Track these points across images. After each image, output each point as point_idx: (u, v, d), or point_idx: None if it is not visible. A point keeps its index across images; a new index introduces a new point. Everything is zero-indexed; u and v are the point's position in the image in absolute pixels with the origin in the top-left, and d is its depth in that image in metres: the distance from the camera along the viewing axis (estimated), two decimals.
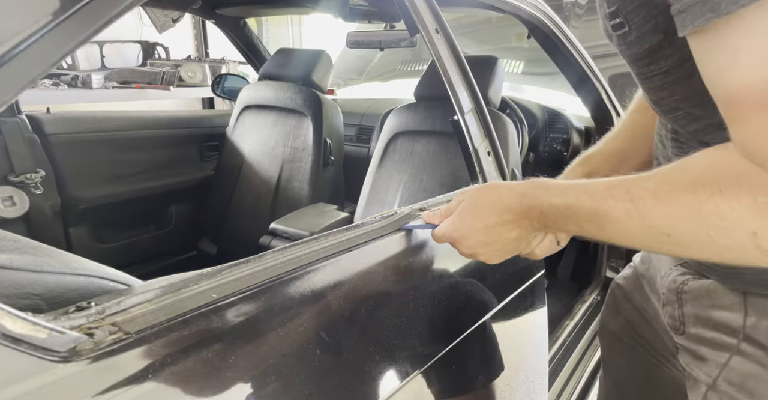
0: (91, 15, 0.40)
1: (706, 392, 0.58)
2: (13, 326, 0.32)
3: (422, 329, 0.63)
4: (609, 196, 0.44)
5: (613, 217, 0.44)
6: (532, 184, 0.53)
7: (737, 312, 0.56)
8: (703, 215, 0.38)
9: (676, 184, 0.41)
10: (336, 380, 0.51)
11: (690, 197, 0.39)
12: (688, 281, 0.62)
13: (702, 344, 0.60)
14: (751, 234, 0.37)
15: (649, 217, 0.42)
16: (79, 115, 1.56)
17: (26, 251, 0.46)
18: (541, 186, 0.52)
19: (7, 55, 0.36)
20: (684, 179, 0.40)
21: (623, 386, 0.86)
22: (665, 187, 0.41)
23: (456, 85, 0.87)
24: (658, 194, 0.41)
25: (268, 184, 1.71)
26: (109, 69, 2.68)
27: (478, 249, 0.55)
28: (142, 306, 0.40)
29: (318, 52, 1.75)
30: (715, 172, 0.39)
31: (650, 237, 0.43)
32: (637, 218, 0.42)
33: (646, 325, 0.75)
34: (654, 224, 0.42)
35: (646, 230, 0.42)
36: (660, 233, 0.42)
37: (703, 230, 0.39)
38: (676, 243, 0.42)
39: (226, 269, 0.48)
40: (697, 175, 0.40)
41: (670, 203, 0.40)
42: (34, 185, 1.37)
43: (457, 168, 1.33)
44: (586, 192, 0.46)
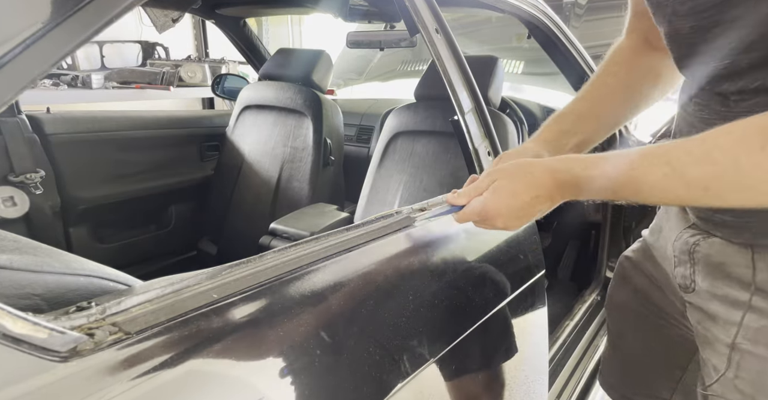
0: (91, 15, 0.40)
1: (730, 354, 0.60)
2: (13, 326, 0.32)
3: (422, 329, 0.63)
4: (646, 162, 0.48)
5: (652, 180, 0.47)
6: (562, 159, 0.56)
7: (746, 267, 0.57)
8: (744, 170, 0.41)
9: (717, 144, 0.43)
10: (336, 379, 0.51)
11: (730, 155, 0.42)
12: (699, 241, 0.64)
13: (712, 300, 0.62)
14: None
15: (687, 176, 0.45)
16: (79, 115, 1.56)
17: (26, 251, 0.46)
18: (573, 161, 0.55)
19: (7, 56, 0.36)
20: (725, 140, 0.43)
21: (630, 353, 0.87)
22: (706, 147, 0.44)
23: (456, 85, 0.87)
24: (696, 154, 0.44)
25: (268, 184, 1.71)
26: (109, 69, 2.68)
27: (510, 222, 0.59)
28: (143, 306, 0.40)
29: (318, 52, 1.75)
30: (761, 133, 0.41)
31: (687, 191, 0.46)
32: (675, 178, 0.45)
33: (655, 291, 0.77)
34: (692, 180, 0.45)
35: (685, 186, 0.45)
36: (698, 187, 0.45)
37: (743, 178, 0.42)
38: (713, 196, 0.45)
39: (227, 269, 0.48)
40: (740, 135, 0.42)
41: (708, 161, 0.43)
42: (34, 185, 1.37)
43: (457, 168, 1.33)
44: (622, 160, 0.49)
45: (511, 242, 0.85)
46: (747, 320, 0.58)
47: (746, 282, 0.57)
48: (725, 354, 0.60)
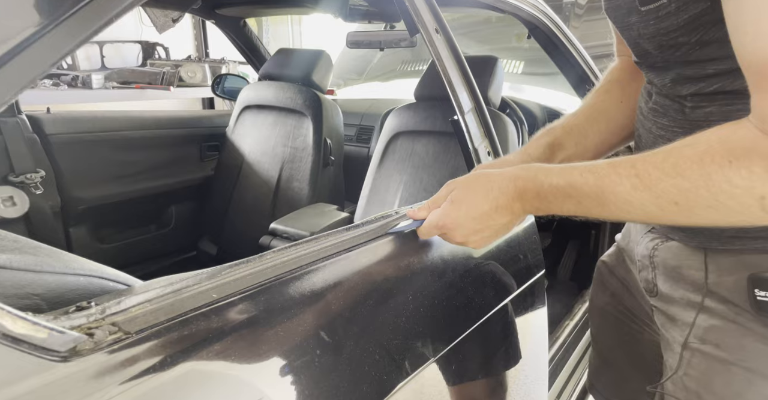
0: (91, 15, 0.40)
1: (681, 352, 0.61)
2: (13, 326, 0.32)
3: (422, 330, 0.63)
4: (613, 172, 0.46)
5: (618, 191, 0.46)
6: (525, 167, 0.54)
7: (699, 270, 0.58)
8: (713, 185, 0.41)
9: (683, 157, 0.42)
10: (336, 379, 0.51)
11: (698, 169, 0.41)
12: (657, 244, 0.64)
13: (672, 303, 0.63)
14: (760, 198, 0.40)
15: (656, 188, 0.43)
16: (79, 115, 1.56)
17: (26, 251, 0.46)
18: (537, 168, 0.53)
19: (7, 55, 0.36)
20: (692, 153, 0.42)
21: (611, 358, 0.88)
22: (672, 160, 0.43)
23: (456, 85, 0.87)
24: (664, 167, 0.43)
25: (268, 184, 1.71)
26: (109, 69, 2.68)
27: (471, 236, 0.57)
28: (142, 306, 0.40)
29: (318, 52, 1.75)
30: (726, 145, 0.41)
31: (657, 207, 0.44)
32: (643, 190, 0.44)
33: (628, 295, 0.78)
34: (662, 194, 0.43)
35: (653, 201, 0.44)
36: (668, 202, 0.43)
37: (713, 197, 0.41)
38: (682, 211, 0.44)
39: (227, 269, 0.48)
40: (705, 148, 0.41)
41: (677, 175, 0.42)
42: (34, 185, 1.37)
43: (457, 168, 1.33)
44: (589, 170, 0.48)
45: (511, 242, 0.85)
46: (699, 320, 0.59)
47: (699, 284, 0.59)
48: (678, 353, 0.62)
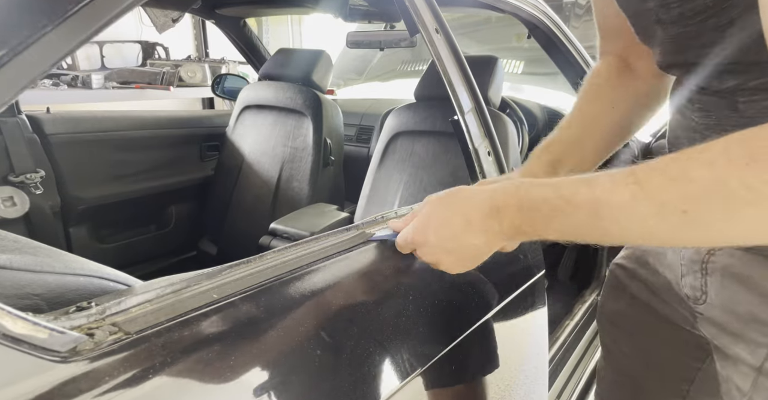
0: (91, 15, 0.40)
1: (757, 377, 0.53)
2: (13, 327, 0.32)
3: (422, 330, 0.63)
4: (609, 181, 0.40)
5: (615, 202, 0.39)
6: (510, 182, 0.48)
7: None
8: (728, 191, 0.34)
9: (693, 160, 0.36)
10: (337, 379, 0.51)
11: (710, 172, 0.35)
12: (715, 250, 0.56)
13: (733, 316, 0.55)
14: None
15: (660, 195, 0.37)
16: (79, 115, 1.56)
17: (26, 251, 0.46)
18: (520, 182, 0.47)
19: (7, 56, 0.36)
20: (704, 156, 0.36)
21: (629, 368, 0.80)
22: (680, 164, 0.37)
23: (456, 85, 0.87)
24: (669, 172, 0.37)
25: (268, 184, 1.71)
26: (109, 69, 2.68)
27: (441, 256, 0.51)
28: (143, 306, 0.40)
29: (318, 52, 1.75)
30: (746, 144, 0.34)
31: (661, 218, 0.37)
32: (644, 199, 0.37)
33: (655, 298, 0.71)
34: (666, 203, 0.36)
35: (657, 210, 0.37)
36: (674, 211, 0.36)
37: (729, 206, 0.34)
38: (692, 223, 0.36)
39: (227, 269, 0.48)
40: (722, 149, 0.35)
41: (685, 180, 0.36)
42: (34, 185, 1.37)
43: (457, 168, 1.33)
44: (582, 180, 0.42)
45: None
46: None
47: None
48: (751, 376, 0.54)
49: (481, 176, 0.88)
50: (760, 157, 0.33)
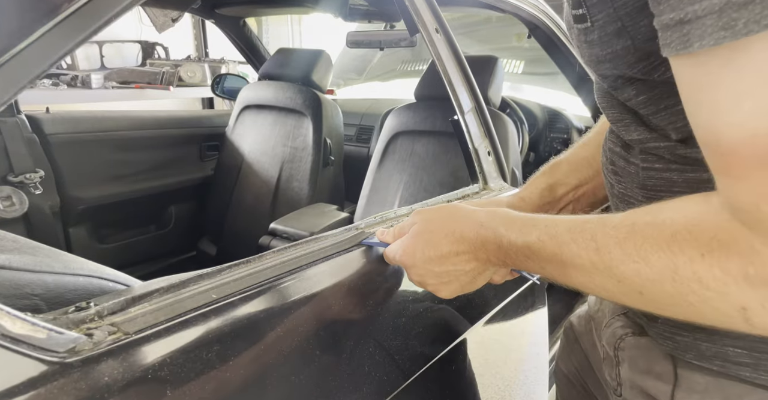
0: (90, 14, 0.40)
1: None
2: (12, 327, 0.32)
3: (422, 329, 0.63)
4: (572, 242, 0.39)
5: (579, 265, 0.38)
6: (492, 214, 0.47)
7: (667, 383, 0.48)
8: (681, 281, 0.33)
9: (648, 238, 0.34)
10: (337, 378, 0.51)
11: (664, 258, 0.33)
12: (626, 336, 0.54)
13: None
14: (740, 309, 0.31)
15: (617, 272, 0.36)
16: (78, 115, 1.56)
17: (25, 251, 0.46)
18: (500, 218, 0.46)
19: (6, 55, 0.36)
20: (658, 235, 0.34)
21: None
22: (635, 240, 0.35)
23: (456, 84, 0.87)
24: (626, 248, 0.35)
25: (267, 184, 1.71)
26: (109, 69, 2.68)
27: (428, 279, 0.49)
28: (142, 306, 0.40)
29: (318, 51, 1.75)
30: (696, 232, 0.32)
31: (621, 293, 0.37)
32: (604, 270, 0.37)
33: (590, 372, 0.67)
34: (624, 280, 0.36)
35: (615, 285, 0.37)
36: (631, 290, 0.36)
37: (682, 296, 0.33)
38: (650, 302, 0.36)
39: (226, 269, 0.48)
40: (672, 232, 0.33)
41: (641, 260, 0.34)
42: (34, 185, 1.37)
43: (457, 168, 1.32)
44: (548, 233, 0.41)
45: None
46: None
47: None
48: None
49: (481, 176, 0.88)
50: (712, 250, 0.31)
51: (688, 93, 0.31)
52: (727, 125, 0.28)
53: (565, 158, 0.68)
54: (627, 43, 0.37)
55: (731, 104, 0.27)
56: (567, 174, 0.66)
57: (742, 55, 0.26)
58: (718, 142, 0.29)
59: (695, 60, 0.28)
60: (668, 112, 0.39)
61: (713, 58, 0.27)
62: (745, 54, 0.26)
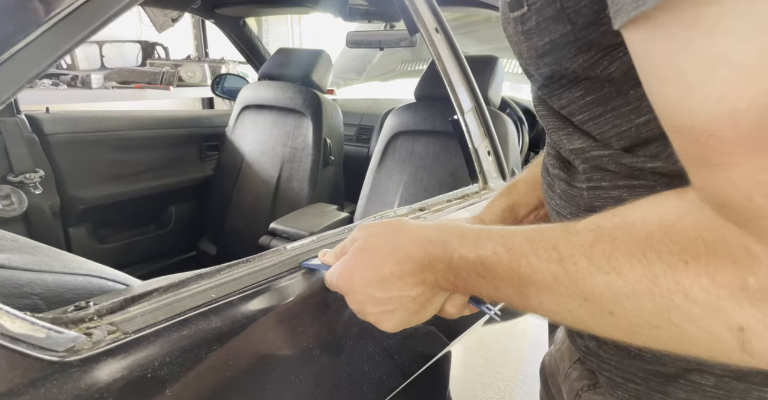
0: (89, 14, 0.40)
1: None
2: (11, 326, 0.32)
3: (422, 329, 0.63)
4: (531, 253, 0.32)
5: (538, 281, 0.32)
6: (441, 227, 0.40)
7: None
8: (661, 294, 0.26)
9: (618, 244, 0.28)
10: (337, 377, 0.51)
11: (640, 267, 0.27)
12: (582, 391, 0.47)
13: None
14: (736, 330, 0.25)
15: (584, 286, 0.30)
16: (78, 115, 1.56)
17: (25, 250, 0.46)
18: (451, 230, 0.39)
19: (5, 54, 0.36)
20: (629, 240, 0.28)
21: None
22: (603, 247, 0.29)
23: (456, 84, 0.87)
24: (594, 257, 0.29)
25: (267, 184, 1.71)
26: (109, 69, 2.68)
27: (368, 307, 0.41)
28: (141, 306, 0.40)
29: (317, 51, 1.75)
30: (674, 234, 0.27)
31: (588, 314, 0.30)
32: (568, 285, 0.30)
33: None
34: (592, 297, 0.29)
35: (581, 304, 0.30)
36: (600, 309, 0.29)
37: (663, 313, 0.27)
38: (624, 326, 0.29)
39: (225, 269, 0.48)
40: (646, 235, 0.27)
41: (611, 271, 0.28)
42: (34, 185, 1.37)
43: (457, 168, 1.32)
44: (505, 244, 0.34)
45: None
46: None
47: None
48: None
49: (481, 176, 0.88)
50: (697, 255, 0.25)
51: (647, 70, 0.25)
52: (700, 101, 0.22)
53: (522, 178, 0.62)
54: (566, 29, 0.32)
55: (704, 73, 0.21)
56: (525, 194, 0.60)
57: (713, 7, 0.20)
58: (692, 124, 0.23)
59: (653, 23, 0.22)
60: (613, 115, 0.34)
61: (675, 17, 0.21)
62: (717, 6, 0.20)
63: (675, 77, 0.23)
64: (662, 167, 0.33)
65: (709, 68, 0.21)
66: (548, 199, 0.46)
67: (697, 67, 0.22)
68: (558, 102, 0.38)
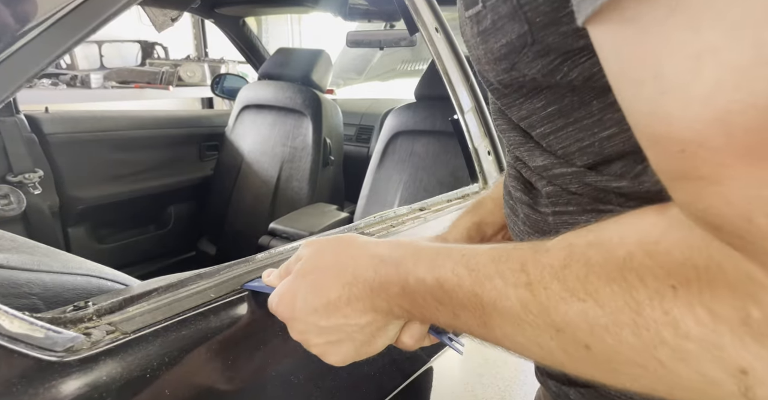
0: (89, 13, 0.40)
1: None
2: (10, 326, 0.32)
3: None
4: (496, 274, 0.28)
5: (504, 310, 0.28)
6: (396, 245, 0.35)
7: None
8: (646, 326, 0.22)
9: (592, 266, 0.25)
10: (337, 378, 0.51)
11: (620, 293, 0.23)
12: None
13: None
14: (738, 371, 0.21)
15: (556, 315, 0.25)
16: (77, 114, 1.56)
17: (24, 250, 0.46)
18: (406, 249, 0.34)
19: (4, 53, 0.36)
20: (605, 260, 0.24)
21: None
22: (576, 269, 0.25)
23: (456, 84, 0.87)
24: (567, 280, 0.25)
25: (267, 184, 1.71)
26: (108, 68, 2.68)
27: (312, 337, 0.37)
28: (140, 306, 0.40)
29: (317, 51, 1.75)
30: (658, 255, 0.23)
31: (561, 348, 0.26)
32: (537, 314, 0.26)
33: None
34: (565, 327, 0.25)
35: (553, 336, 0.26)
36: (574, 343, 0.25)
37: (648, 350, 0.22)
38: (601, 364, 0.25)
39: (225, 269, 0.48)
40: (625, 255, 0.24)
41: (588, 297, 0.24)
42: (33, 185, 1.36)
43: (457, 168, 1.32)
44: (467, 264, 0.30)
45: None
46: None
47: None
48: None
49: (481, 176, 0.88)
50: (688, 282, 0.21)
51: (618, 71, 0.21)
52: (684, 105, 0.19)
53: (489, 195, 0.57)
54: (523, 29, 0.28)
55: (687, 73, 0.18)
56: (492, 212, 0.55)
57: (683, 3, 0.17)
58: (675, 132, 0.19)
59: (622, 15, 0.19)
60: (576, 127, 0.31)
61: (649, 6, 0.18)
62: None
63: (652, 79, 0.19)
64: (628, 188, 0.29)
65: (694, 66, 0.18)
66: (511, 224, 0.42)
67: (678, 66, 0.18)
68: (518, 113, 0.34)
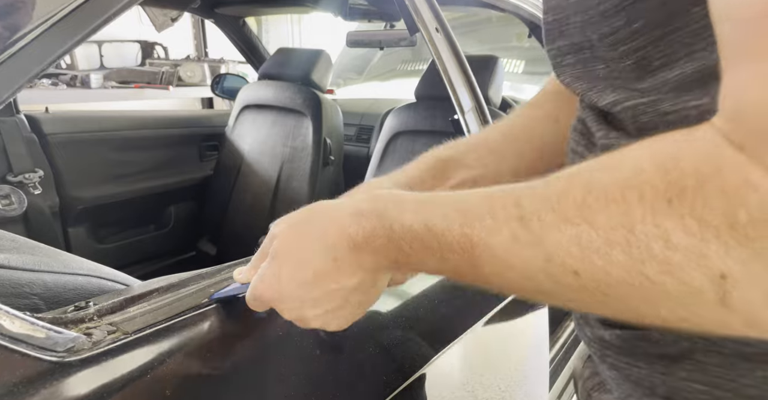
0: (89, 14, 0.40)
1: None
2: (11, 326, 0.32)
3: (424, 327, 0.63)
4: (488, 213, 0.28)
5: (494, 245, 0.27)
6: (375, 197, 0.34)
7: None
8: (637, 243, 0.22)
9: (594, 186, 0.24)
10: (337, 378, 0.51)
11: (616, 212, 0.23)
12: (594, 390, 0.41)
13: None
14: (718, 277, 0.21)
15: (548, 244, 0.25)
16: (77, 114, 1.56)
17: (24, 250, 0.46)
18: (387, 198, 0.33)
19: (4, 54, 0.36)
20: (609, 179, 0.24)
21: None
22: (575, 193, 0.25)
23: (456, 84, 0.87)
24: (563, 208, 0.25)
25: (267, 184, 1.71)
26: (108, 68, 2.68)
27: (308, 311, 0.36)
28: (141, 306, 0.40)
29: (317, 51, 1.75)
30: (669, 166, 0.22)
31: (549, 278, 0.26)
32: (528, 245, 0.26)
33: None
34: (555, 256, 0.25)
35: (542, 267, 0.26)
36: (563, 270, 0.25)
37: (636, 267, 0.23)
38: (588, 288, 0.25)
39: (225, 269, 0.48)
40: (633, 169, 0.23)
41: (582, 222, 0.24)
42: (33, 185, 1.36)
43: None
44: (457, 207, 0.29)
45: None
46: None
47: None
48: None
49: None
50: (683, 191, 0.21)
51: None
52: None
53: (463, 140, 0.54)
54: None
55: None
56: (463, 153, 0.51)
57: None
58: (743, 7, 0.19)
59: None
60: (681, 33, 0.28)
61: None
62: None
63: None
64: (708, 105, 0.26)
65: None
66: None
67: None
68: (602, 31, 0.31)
